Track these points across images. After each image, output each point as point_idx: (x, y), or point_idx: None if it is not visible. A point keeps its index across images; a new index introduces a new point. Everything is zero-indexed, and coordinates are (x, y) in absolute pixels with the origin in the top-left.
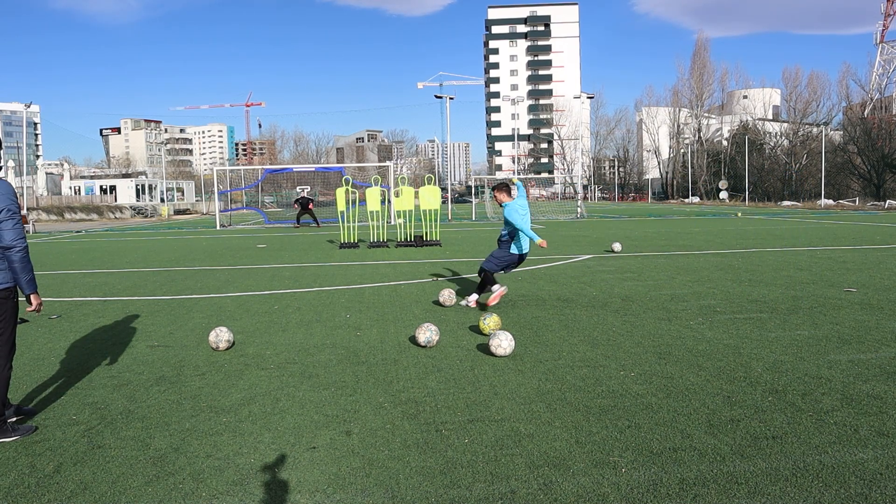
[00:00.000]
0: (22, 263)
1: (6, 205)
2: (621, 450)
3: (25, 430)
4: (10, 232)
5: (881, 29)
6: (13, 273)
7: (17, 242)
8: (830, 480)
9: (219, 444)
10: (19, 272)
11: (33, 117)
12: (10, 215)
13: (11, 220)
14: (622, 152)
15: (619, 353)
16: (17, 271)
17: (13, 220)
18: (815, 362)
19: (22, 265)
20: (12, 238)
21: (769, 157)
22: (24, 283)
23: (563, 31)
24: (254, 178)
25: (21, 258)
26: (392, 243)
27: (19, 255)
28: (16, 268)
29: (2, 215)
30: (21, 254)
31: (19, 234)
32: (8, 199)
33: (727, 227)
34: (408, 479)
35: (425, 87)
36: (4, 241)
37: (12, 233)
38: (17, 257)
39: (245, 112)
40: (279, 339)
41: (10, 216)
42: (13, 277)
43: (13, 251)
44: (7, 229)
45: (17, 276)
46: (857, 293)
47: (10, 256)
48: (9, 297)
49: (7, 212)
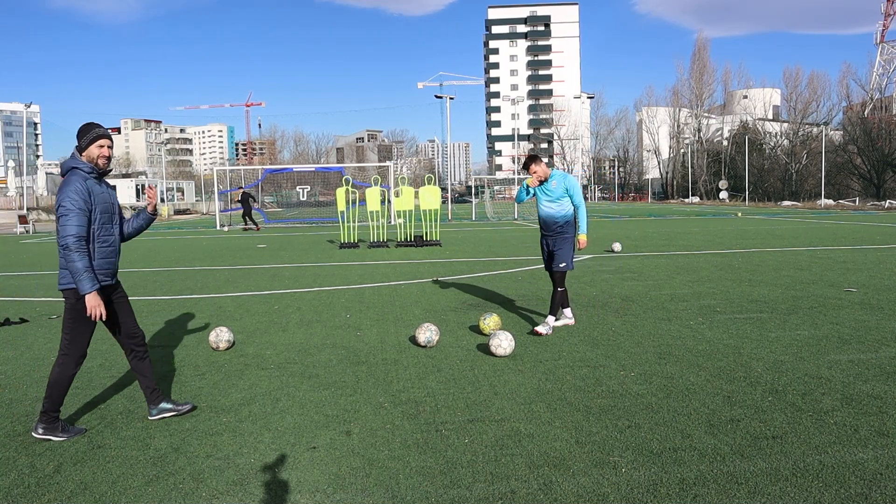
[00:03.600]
0: (68, 262)
1: (59, 201)
2: (621, 450)
3: (76, 431)
4: (60, 229)
5: (881, 29)
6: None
7: (60, 240)
8: (830, 480)
9: (219, 444)
10: (70, 272)
11: (33, 117)
12: (62, 212)
13: (60, 217)
14: (622, 152)
15: (619, 353)
16: (68, 270)
17: (62, 218)
18: (815, 362)
19: (69, 264)
20: (59, 236)
21: (769, 157)
22: (75, 282)
23: (563, 31)
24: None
25: (65, 256)
26: (392, 243)
27: (63, 252)
28: (67, 266)
29: (58, 212)
30: (63, 252)
31: (62, 232)
32: (62, 195)
33: (727, 227)
34: (408, 479)
35: (425, 87)
36: (58, 238)
37: (60, 230)
38: (63, 254)
39: (245, 112)
40: (279, 339)
41: (60, 213)
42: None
43: (59, 249)
44: (59, 226)
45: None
46: (857, 293)
47: (60, 254)
48: (73, 297)
49: (59, 209)
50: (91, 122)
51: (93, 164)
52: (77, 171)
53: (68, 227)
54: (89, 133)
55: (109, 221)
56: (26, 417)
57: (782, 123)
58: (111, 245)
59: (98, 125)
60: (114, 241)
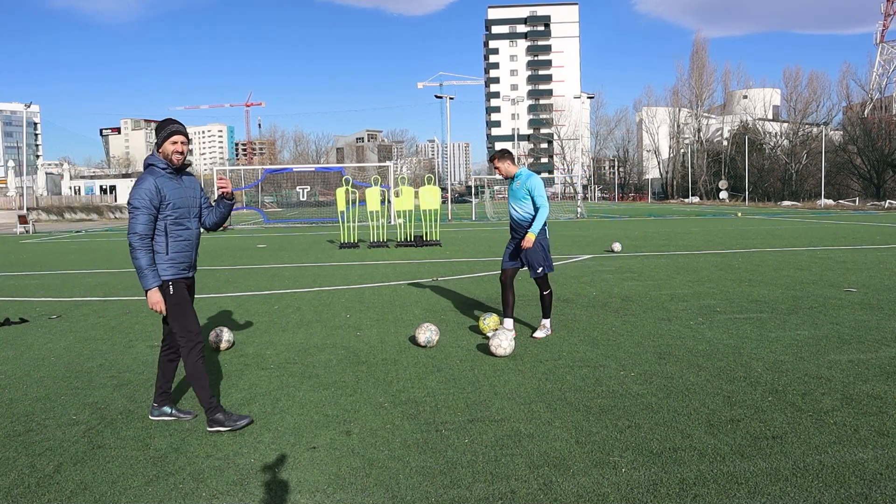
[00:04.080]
0: (133, 259)
1: (129, 198)
2: (621, 450)
3: (239, 418)
4: (129, 226)
5: (881, 29)
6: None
7: (128, 236)
8: (830, 480)
9: (219, 444)
10: (135, 267)
11: (33, 117)
12: (130, 209)
13: (129, 214)
14: (622, 152)
15: (619, 353)
16: (134, 266)
17: (130, 215)
18: (815, 362)
19: (133, 261)
20: (128, 233)
21: (769, 157)
22: (139, 278)
23: (563, 31)
24: (254, 178)
25: (130, 252)
26: (392, 243)
27: (130, 250)
28: (132, 262)
29: (128, 208)
30: (130, 250)
31: (129, 229)
32: (132, 193)
33: (727, 227)
34: (408, 479)
35: (425, 87)
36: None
37: (129, 227)
38: (129, 251)
39: (245, 112)
40: (279, 339)
41: (129, 210)
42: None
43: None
44: (129, 222)
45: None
46: (857, 293)
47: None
48: (165, 289)
49: (129, 206)
50: (168, 118)
51: (167, 161)
52: (152, 168)
53: (135, 224)
54: (164, 129)
55: (187, 216)
56: (26, 417)
57: (782, 123)
58: (186, 239)
59: (174, 121)
60: (189, 235)
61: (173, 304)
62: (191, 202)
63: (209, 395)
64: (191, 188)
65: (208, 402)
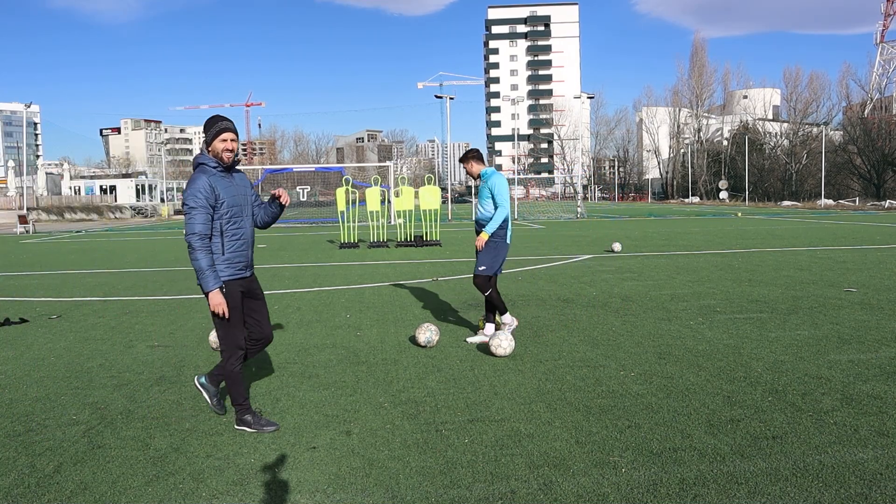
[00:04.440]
0: (192, 260)
1: (184, 199)
2: (621, 450)
3: (266, 423)
4: (185, 227)
5: (881, 29)
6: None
7: (185, 237)
8: (830, 480)
9: (219, 444)
10: (194, 269)
11: (33, 117)
12: (186, 210)
13: (185, 215)
14: (622, 152)
15: (619, 353)
16: (193, 268)
17: (186, 216)
18: (815, 362)
19: (192, 262)
20: (185, 234)
21: (769, 157)
22: (199, 280)
23: (563, 31)
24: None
25: (189, 253)
26: (392, 243)
27: (189, 251)
28: (192, 263)
29: (183, 209)
30: (189, 251)
31: (187, 230)
32: (186, 193)
33: (727, 227)
34: (408, 479)
35: (425, 87)
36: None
37: (186, 228)
38: (188, 252)
39: (245, 112)
40: (279, 339)
41: (185, 211)
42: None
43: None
44: (185, 223)
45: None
46: (857, 293)
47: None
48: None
49: (184, 206)
50: (216, 115)
51: (218, 159)
52: (203, 167)
53: (192, 224)
54: (213, 127)
55: (240, 214)
56: (26, 417)
57: (782, 123)
58: (242, 238)
59: (222, 118)
60: (245, 234)
61: (231, 307)
62: (243, 200)
63: (243, 396)
64: (242, 186)
65: (241, 402)
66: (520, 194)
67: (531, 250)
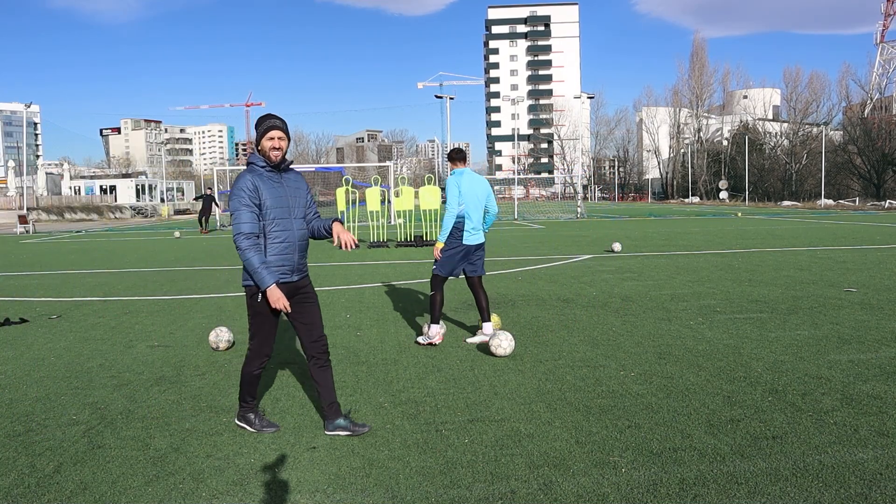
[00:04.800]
0: (242, 260)
1: (229, 199)
2: (621, 450)
3: (267, 424)
4: (232, 227)
5: (881, 29)
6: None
7: (233, 238)
8: (830, 480)
9: (219, 444)
10: (247, 269)
11: (33, 117)
12: (231, 210)
13: (231, 215)
14: (622, 152)
15: (619, 353)
16: (245, 268)
17: (232, 216)
18: (815, 362)
19: (244, 262)
20: (233, 235)
21: (769, 157)
22: (254, 279)
23: (563, 31)
24: None
25: (239, 254)
26: (392, 243)
27: (238, 252)
28: (243, 263)
29: (230, 210)
30: (238, 252)
31: (234, 230)
32: (231, 193)
33: (727, 227)
34: (408, 479)
35: (425, 87)
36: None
37: (233, 228)
38: (238, 253)
39: (245, 112)
40: (279, 339)
41: (231, 211)
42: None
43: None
44: (232, 224)
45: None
46: (857, 293)
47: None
48: (253, 294)
49: (230, 207)
50: (268, 113)
51: (266, 158)
52: (252, 166)
53: (238, 224)
54: (261, 125)
55: (287, 215)
56: (26, 417)
57: (782, 123)
58: (286, 241)
59: (271, 116)
60: (290, 237)
61: (256, 313)
62: (292, 202)
63: (252, 396)
64: (294, 187)
65: (248, 400)
66: (520, 194)
67: (531, 250)
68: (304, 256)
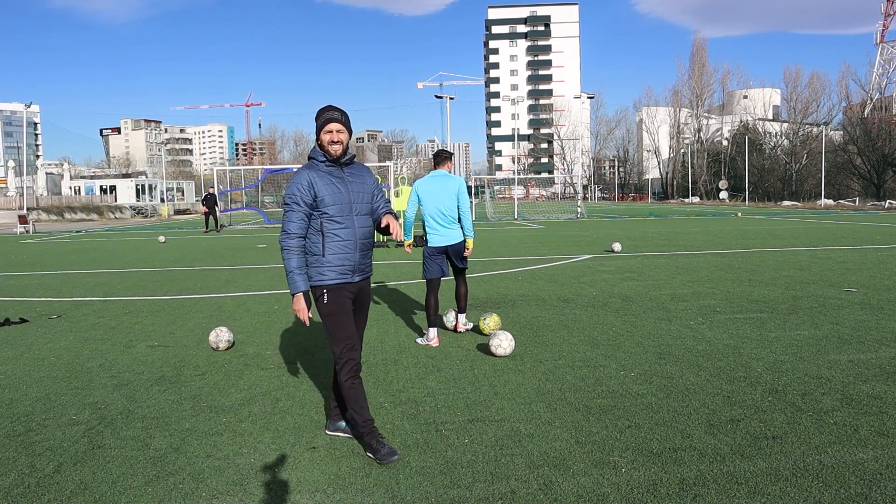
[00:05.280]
0: (283, 259)
1: (284, 195)
2: (621, 450)
3: (389, 453)
4: (282, 224)
5: (881, 29)
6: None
7: (280, 235)
8: (830, 480)
9: (219, 444)
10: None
11: (33, 117)
12: (284, 207)
13: (283, 212)
14: (622, 152)
15: (619, 353)
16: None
17: (283, 214)
18: (815, 362)
19: (284, 262)
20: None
21: (769, 157)
22: (287, 280)
23: (563, 31)
24: (254, 178)
25: (281, 253)
26: (392, 243)
27: (280, 250)
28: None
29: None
30: (281, 250)
31: (281, 228)
32: (286, 189)
33: (727, 227)
34: (408, 479)
35: (425, 87)
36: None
37: (282, 225)
38: (281, 252)
39: (245, 112)
40: (279, 339)
41: (284, 208)
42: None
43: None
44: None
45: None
46: (857, 293)
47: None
48: (319, 296)
49: (283, 203)
50: (327, 105)
51: (325, 152)
52: (312, 161)
53: (285, 223)
54: (319, 118)
55: (346, 212)
56: (26, 417)
57: (782, 123)
58: (346, 239)
59: (330, 109)
60: (350, 234)
61: (325, 315)
62: (354, 197)
63: (365, 416)
64: (357, 182)
65: (362, 424)
66: (520, 194)
67: (531, 250)
68: (368, 256)
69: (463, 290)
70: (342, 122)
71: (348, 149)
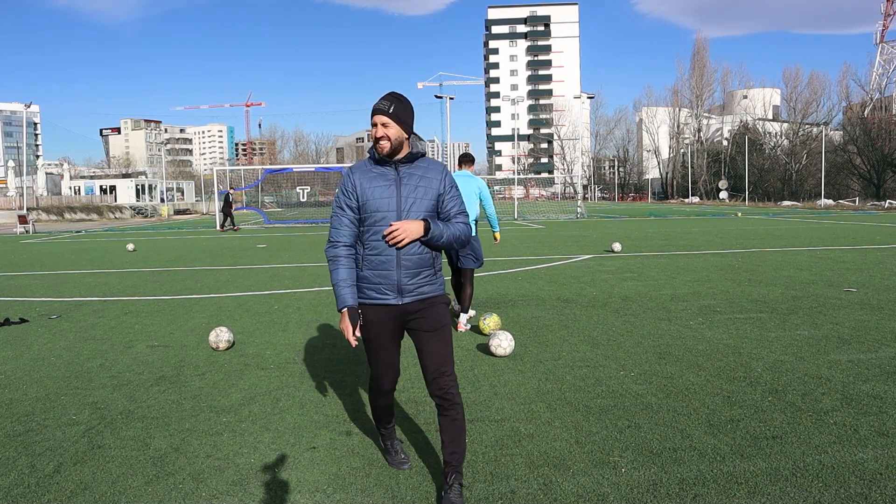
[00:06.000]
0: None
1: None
2: (621, 450)
3: (402, 461)
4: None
5: (881, 29)
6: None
7: (325, 246)
8: (830, 480)
9: (219, 444)
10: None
11: (33, 117)
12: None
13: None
14: (622, 152)
15: (619, 353)
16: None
17: (332, 216)
18: (815, 362)
19: (329, 273)
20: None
21: (769, 157)
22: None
23: (563, 31)
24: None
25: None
26: None
27: (326, 260)
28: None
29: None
30: (326, 260)
31: (328, 237)
32: (337, 191)
33: (727, 227)
34: (408, 479)
35: (425, 87)
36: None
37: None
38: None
39: (245, 112)
40: (279, 339)
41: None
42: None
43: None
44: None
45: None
46: (857, 293)
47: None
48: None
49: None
50: (385, 93)
51: (375, 150)
52: (366, 160)
53: (331, 230)
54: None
55: (394, 220)
56: (26, 417)
57: (782, 123)
58: (384, 253)
59: (382, 98)
60: (390, 250)
61: (363, 338)
62: (405, 203)
63: (384, 424)
64: (413, 185)
65: (380, 429)
66: (520, 194)
67: (531, 250)
68: (421, 274)
69: (468, 291)
70: (388, 112)
71: (403, 144)
